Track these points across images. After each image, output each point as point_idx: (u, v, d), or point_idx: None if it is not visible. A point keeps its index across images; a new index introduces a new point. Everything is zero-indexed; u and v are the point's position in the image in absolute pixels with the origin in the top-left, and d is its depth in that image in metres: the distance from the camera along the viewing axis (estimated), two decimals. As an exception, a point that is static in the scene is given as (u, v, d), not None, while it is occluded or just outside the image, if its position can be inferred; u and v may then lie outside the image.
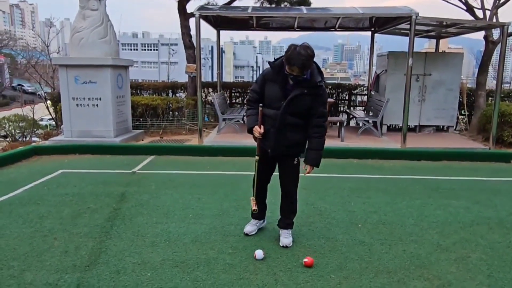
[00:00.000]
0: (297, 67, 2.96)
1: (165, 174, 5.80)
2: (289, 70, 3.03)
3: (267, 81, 3.23)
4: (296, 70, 2.99)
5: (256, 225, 3.62)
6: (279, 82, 3.15)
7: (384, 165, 6.64)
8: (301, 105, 3.13)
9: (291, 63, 2.97)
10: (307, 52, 2.96)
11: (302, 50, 2.95)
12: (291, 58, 2.96)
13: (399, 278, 2.96)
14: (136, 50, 57.30)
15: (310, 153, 3.31)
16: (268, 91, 3.21)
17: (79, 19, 7.84)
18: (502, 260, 3.26)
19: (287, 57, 2.99)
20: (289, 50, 3.00)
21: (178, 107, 9.62)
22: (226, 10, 9.07)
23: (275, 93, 3.17)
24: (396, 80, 9.07)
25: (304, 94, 3.10)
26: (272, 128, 3.20)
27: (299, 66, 2.96)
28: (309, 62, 3.00)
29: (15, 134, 10.55)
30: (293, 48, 2.98)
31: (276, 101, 3.15)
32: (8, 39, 42.28)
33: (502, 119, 8.02)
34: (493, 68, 15.85)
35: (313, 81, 3.11)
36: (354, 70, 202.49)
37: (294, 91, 3.10)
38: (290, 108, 3.12)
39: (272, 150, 3.26)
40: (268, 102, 3.21)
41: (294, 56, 2.95)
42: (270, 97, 3.20)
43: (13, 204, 4.42)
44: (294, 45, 3.01)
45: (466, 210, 4.42)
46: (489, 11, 9.02)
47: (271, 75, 3.20)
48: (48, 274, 2.94)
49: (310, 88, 3.11)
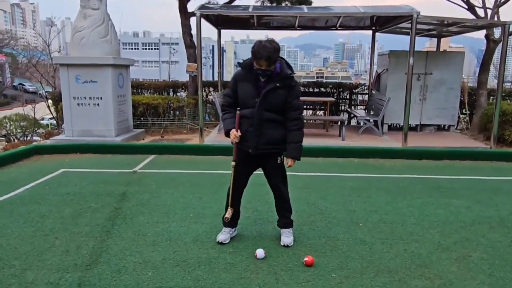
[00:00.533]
0: (264, 60, 3.00)
1: (166, 174, 5.80)
2: (257, 65, 3.06)
3: (238, 82, 3.24)
4: (263, 63, 3.03)
5: (229, 233, 3.51)
6: (251, 80, 3.18)
7: (385, 164, 6.63)
8: (275, 99, 3.15)
9: (258, 57, 3.01)
10: (272, 45, 3.03)
11: (267, 44, 3.03)
12: (257, 52, 3.01)
13: (400, 277, 2.96)
14: (137, 49, 57.36)
15: (291, 146, 3.30)
16: (241, 91, 3.22)
17: (80, 18, 7.84)
18: (503, 259, 3.26)
19: (254, 52, 3.04)
20: (255, 45, 3.06)
21: (179, 106, 9.62)
22: (227, 9, 9.06)
23: (248, 92, 3.18)
24: (397, 79, 9.06)
25: (277, 88, 3.13)
26: (250, 127, 3.19)
27: (266, 58, 3.00)
28: (275, 54, 3.04)
29: (16, 134, 10.57)
30: (259, 43, 3.05)
31: (250, 99, 3.17)
32: (9, 38, 42.37)
33: (503, 118, 8.01)
34: (495, 67, 15.81)
35: (284, 73, 3.15)
36: (355, 69, 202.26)
37: (267, 86, 3.13)
38: (265, 103, 3.14)
39: (253, 149, 3.23)
40: (243, 101, 3.22)
41: (260, 50, 3.00)
42: (244, 96, 3.21)
43: (14, 204, 4.42)
44: (259, 40, 3.09)
45: (467, 209, 4.42)
46: (491, 10, 9.01)
47: (241, 75, 3.24)
48: (49, 273, 2.94)
49: (281, 81, 3.14)
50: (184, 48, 10.95)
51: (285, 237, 3.46)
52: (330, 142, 7.98)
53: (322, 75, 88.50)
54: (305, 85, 11.53)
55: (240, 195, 3.50)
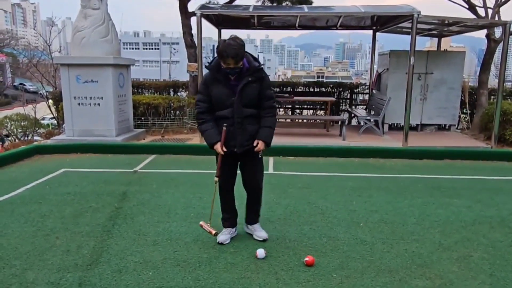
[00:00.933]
0: (231, 57, 2.98)
1: (166, 173, 5.80)
2: (225, 65, 3.03)
3: (209, 85, 3.18)
4: (231, 61, 3.00)
5: (229, 233, 3.50)
6: (222, 81, 3.14)
7: (386, 164, 6.63)
8: (251, 94, 3.16)
9: (225, 56, 2.98)
10: (236, 41, 3.00)
11: (231, 41, 3.00)
12: (223, 51, 2.97)
13: (400, 277, 2.96)
14: (138, 49, 57.34)
15: (264, 130, 3.25)
16: (215, 93, 3.16)
17: (80, 18, 7.84)
18: (504, 259, 3.26)
19: (219, 52, 3.00)
20: (219, 45, 3.02)
21: (179, 106, 9.62)
22: (228, 9, 9.06)
23: (222, 92, 3.15)
24: (398, 78, 9.05)
25: (250, 82, 3.14)
26: (231, 127, 3.17)
27: (233, 56, 2.98)
28: (241, 50, 3.02)
29: (16, 134, 10.58)
30: (223, 42, 3.02)
31: (226, 99, 3.14)
32: (10, 38, 42.36)
33: (504, 117, 8.00)
34: (495, 66, 15.76)
35: (252, 67, 3.14)
36: (355, 69, 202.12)
37: (240, 82, 3.12)
38: (242, 100, 3.14)
39: (239, 147, 3.21)
40: (218, 104, 3.18)
41: (225, 48, 2.97)
42: (219, 98, 3.16)
43: (15, 203, 4.43)
44: (223, 39, 3.07)
45: (467, 209, 4.41)
46: (491, 10, 9.00)
47: (211, 77, 3.18)
48: (50, 273, 2.94)
49: (252, 75, 3.14)
50: (184, 47, 10.95)
51: (259, 232, 3.50)
52: (330, 141, 7.97)
53: (323, 75, 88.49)
54: (306, 85, 11.52)
55: (232, 195, 3.50)
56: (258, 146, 3.24)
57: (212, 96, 3.18)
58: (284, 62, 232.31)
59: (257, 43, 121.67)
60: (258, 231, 3.51)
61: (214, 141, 3.20)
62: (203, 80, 3.25)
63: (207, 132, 3.22)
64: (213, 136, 3.21)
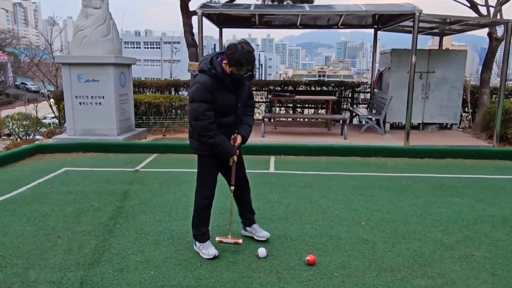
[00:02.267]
0: (249, 65, 2.87)
1: (168, 172, 5.80)
2: (237, 71, 2.87)
3: (215, 93, 2.92)
4: (247, 68, 2.89)
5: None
6: (228, 87, 2.97)
7: (387, 163, 6.62)
8: (245, 94, 3.13)
9: (244, 63, 2.82)
10: (251, 47, 2.88)
11: (249, 48, 2.85)
12: (243, 58, 2.81)
13: (402, 276, 2.96)
14: (139, 48, 57.33)
15: (245, 127, 3.17)
16: (220, 101, 2.95)
17: (81, 17, 7.85)
18: (506, 258, 3.25)
19: (237, 59, 2.80)
20: (236, 51, 2.80)
21: (180, 105, 9.62)
22: (229, 8, 9.06)
23: (228, 99, 2.99)
24: (399, 77, 9.03)
25: (247, 86, 3.13)
26: (231, 134, 3.11)
27: (252, 64, 2.88)
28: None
29: (18, 133, 10.60)
30: (241, 48, 2.81)
31: (231, 106, 3.02)
32: (11, 37, 42.37)
33: (506, 116, 7.98)
34: (497, 65, 15.73)
35: None
36: (357, 68, 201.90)
37: (240, 88, 3.05)
38: (241, 106, 3.11)
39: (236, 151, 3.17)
40: (223, 111, 2.99)
41: (245, 56, 2.81)
42: (225, 106, 2.99)
43: (16, 202, 4.43)
44: (236, 44, 2.85)
45: (470, 208, 4.40)
46: (493, 8, 8.97)
47: (216, 84, 2.92)
48: (52, 272, 2.95)
49: (248, 78, 3.06)
50: (185, 47, 10.93)
51: (261, 232, 3.46)
52: (332, 140, 7.96)
53: (324, 74, 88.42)
54: (307, 84, 11.51)
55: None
56: (237, 141, 3.13)
57: (217, 104, 2.95)
58: (286, 61, 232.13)
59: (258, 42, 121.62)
60: (259, 232, 3.48)
61: (233, 153, 3.08)
62: (206, 87, 2.90)
63: (225, 145, 3.03)
64: (232, 148, 3.07)
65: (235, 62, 2.84)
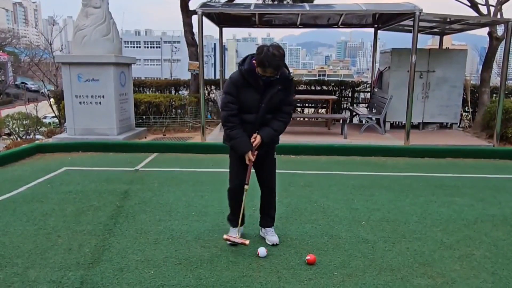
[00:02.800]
0: (272, 68, 2.92)
1: (168, 172, 5.80)
2: (262, 72, 2.96)
3: (239, 88, 3.06)
4: (270, 71, 2.94)
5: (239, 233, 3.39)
6: (254, 85, 3.05)
7: (388, 162, 6.62)
8: (275, 101, 3.13)
9: (266, 65, 2.90)
10: (279, 52, 2.91)
11: (275, 51, 2.90)
12: (265, 61, 2.89)
13: (402, 275, 2.96)
14: (139, 47, 57.35)
15: (267, 130, 3.17)
16: (244, 97, 3.07)
17: (81, 17, 7.85)
18: (506, 258, 3.25)
19: (261, 60, 2.91)
20: (261, 52, 2.91)
21: (180, 104, 9.62)
22: (229, 7, 9.06)
23: (252, 98, 3.08)
24: (400, 77, 9.03)
25: (278, 90, 3.10)
26: (252, 133, 3.16)
27: (275, 67, 2.92)
28: (283, 62, 2.97)
29: (18, 132, 10.61)
30: (266, 50, 2.91)
31: (254, 105, 3.09)
32: (11, 37, 42.38)
33: (506, 116, 7.98)
34: (497, 64, 15.72)
35: (283, 76, 3.08)
36: (357, 67, 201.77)
37: (269, 90, 3.06)
38: (266, 108, 3.11)
39: (259, 149, 3.20)
40: (245, 108, 3.11)
41: (268, 58, 2.88)
42: (247, 103, 3.09)
43: (17, 202, 4.43)
44: (265, 46, 2.95)
45: (470, 208, 4.40)
46: (493, 7, 8.97)
47: (242, 80, 3.06)
48: (52, 272, 2.95)
49: (282, 83, 3.09)
50: (185, 46, 10.95)
51: (271, 236, 3.43)
52: (332, 140, 7.96)
53: (324, 73, 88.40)
54: (307, 83, 11.51)
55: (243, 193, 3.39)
56: (257, 140, 3.16)
57: (241, 99, 3.08)
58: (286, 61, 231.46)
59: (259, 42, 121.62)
60: (270, 235, 3.45)
61: (247, 150, 3.13)
62: (233, 81, 3.09)
63: (240, 140, 3.12)
64: (246, 145, 3.13)
65: (259, 63, 2.94)
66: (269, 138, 3.20)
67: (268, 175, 3.40)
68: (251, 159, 3.18)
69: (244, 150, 3.15)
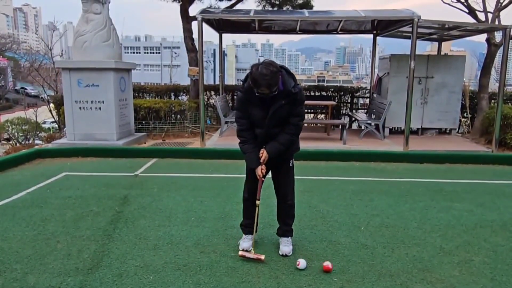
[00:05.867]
0: (264, 87, 2.89)
1: (167, 177, 5.80)
2: (259, 91, 2.95)
3: (247, 104, 3.12)
4: (264, 90, 2.92)
5: (251, 239, 3.40)
6: (256, 102, 3.07)
7: (387, 167, 6.63)
8: (281, 115, 3.10)
9: (257, 85, 2.90)
10: (269, 69, 2.86)
11: (264, 70, 2.86)
12: (255, 80, 2.89)
13: (401, 281, 2.96)
14: (139, 53, 57.52)
15: (273, 144, 3.16)
16: (252, 113, 3.13)
17: (82, 22, 7.89)
18: (505, 264, 3.25)
19: (252, 80, 2.91)
20: (252, 72, 2.90)
21: (180, 110, 9.64)
22: (228, 13, 9.10)
23: (258, 114, 3.10)
24: (398, 82, 9.06)
25: (282, 105, 3.06)
26: (261, 143, 3.20)
27: (266, 86, 2.89)
28: (275, 78, 2.90)
29: (18, 137, 10.60)
30: (255, 70, 2.89)
31: (260, 120, 3.12)
32: (12, 42, 42.51)
33: (505, 121, 8.01)
34: (496, 70, 15.80)
35: (287, 90, 3.02)
36: (356, 73, 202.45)
37: (272, 106, 3.06)
38: (272, 122, 3.11)
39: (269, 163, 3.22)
40: (255, 123, 3.17)
41: (257, 78, 2.87)
42: (255, 119, 3.14)
43: (16, 207, 4.43)
44: (256, 65, 2.93)
45: (469, 213, 4.41)
46: (491, 14, 9.03)
47: (245, 98, 3.11)
48: (51, 277, 2.94)
49: (286, 97, 3.05)
50: (185, 52, 10.99)
51: (284, 246, 3.36)
52: (331, 145, 7.97)
53: (324, 79, 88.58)
54: (307, 89, 11.54)
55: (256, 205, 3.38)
56: (264, 155, 3.19)
57: (250, 114, 3.14)
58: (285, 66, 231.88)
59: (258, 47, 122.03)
60: (283, 245, 3.37)
61: (254, 166, 3.21)
62: (239, 97, 3.18)
63: (248, 155, 3.21)
64: (253, 161, 3.19)
65: (252, 83, 2.94)
66: (274, 153, 3.18)
67: (283, 182, 3.36)
68: (259, 175, 3.20)
69: (251, 166, 3.24)
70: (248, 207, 3.40)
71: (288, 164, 3.33)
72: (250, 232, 3.41)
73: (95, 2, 7.80)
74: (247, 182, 3.39)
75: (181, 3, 10.63)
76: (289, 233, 3.43)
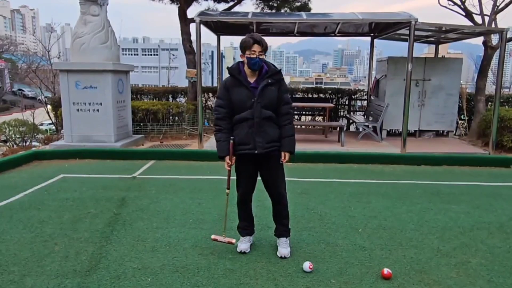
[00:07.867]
0: (257, 43, 3.07)
1: (165, 179, 5.80)
2: (250, 54, 3.09)
3: (230, 89, 3.20)
4: (256, 48, 3.08)
5: (249, 241, 3.46)
6: (243, 83, 3.18)
7: (384, 169, 6.65)
8: (270, 96, 3.18)
9: (251, 41, 3.07)
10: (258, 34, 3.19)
11: (252, 33, 3.18)
12: (248, 40, 3.10)
13: (399, 283, 2.96)
14: (137, 55, 57.53)
15: (285, 140, 3.24)
16: (235, 96, 3.18)
17: (80, 24, 7.89)
18: (502, 265, 3.26)
19: (245, 41, 3.11)
20: (242, 40, 3.16)
21: (178, 112, 9.64)
22: (226, 15, 9.12)
23: (243, 95, 3.17)
24: (396, 85, 9.10)
25: (269, 84, 3.17)
26: (250, 129, 3.17)
27: (258, 40, 3.08)
28: (264, 41, 3.13)
29: (15, 139, 10.57)
30: (245, 36, 3.16)
31: (247, 100, 3.16)
32: (9, 44, 42.41)
33: (502, 124, 8.04)
34: (493, 73, 15.89)
35: (271, 69, 3.21)
36: (354, 75, 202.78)
37: (260, 84, 3.17)
38: (262, 100, 3.16)
39: (259, 148, 3.17)
40: (239, 106, 3.18)
41: (249, 37, 3.11)
42: (240, 100, 3.17)
43: (13, 209, 4.42)
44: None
45: (466, 215, 4.43)
46: (488, 17, 9.07)
47: (232, 81, 3.22)
48: (49, 279, 2.94)
49: (271, 77, 3.19)
50: (183, 54, 11.01)
51: (282, 248, 3.36)
52: (329, 147, 7.99)
53: (321, 81, 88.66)
54: (304, 91, 11.56)
55: (251, 205, 3.48)
56: (285, 158, 3.25)
57: (233, 99, 3.19)
58: (283, 68, 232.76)
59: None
60: (281, 247, 3.37)
61: (223, 154, 3.23)
62: (223, 84, 3.27)
63: (220, 144, 3.24)
64: (223, 150, 3.22)
65: (244, 43, 3.12)
66: (292, 146, 3.27)
67: (271, 179, 3.34)
68: (228, 163, 3.24)
69: (220, 154, 3.25)
70: (243, 210, 3.46)
71: (278, 161, 3.28)
72: (248, 234, 3.47)
73: (93, 4, 7.81)
74: (239, 187, 3.39)
75: (179, 5, 10.65)
76: (286, 234, 3.44)
